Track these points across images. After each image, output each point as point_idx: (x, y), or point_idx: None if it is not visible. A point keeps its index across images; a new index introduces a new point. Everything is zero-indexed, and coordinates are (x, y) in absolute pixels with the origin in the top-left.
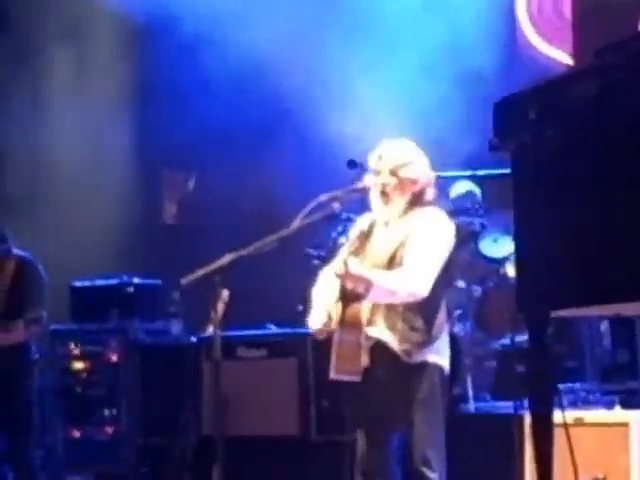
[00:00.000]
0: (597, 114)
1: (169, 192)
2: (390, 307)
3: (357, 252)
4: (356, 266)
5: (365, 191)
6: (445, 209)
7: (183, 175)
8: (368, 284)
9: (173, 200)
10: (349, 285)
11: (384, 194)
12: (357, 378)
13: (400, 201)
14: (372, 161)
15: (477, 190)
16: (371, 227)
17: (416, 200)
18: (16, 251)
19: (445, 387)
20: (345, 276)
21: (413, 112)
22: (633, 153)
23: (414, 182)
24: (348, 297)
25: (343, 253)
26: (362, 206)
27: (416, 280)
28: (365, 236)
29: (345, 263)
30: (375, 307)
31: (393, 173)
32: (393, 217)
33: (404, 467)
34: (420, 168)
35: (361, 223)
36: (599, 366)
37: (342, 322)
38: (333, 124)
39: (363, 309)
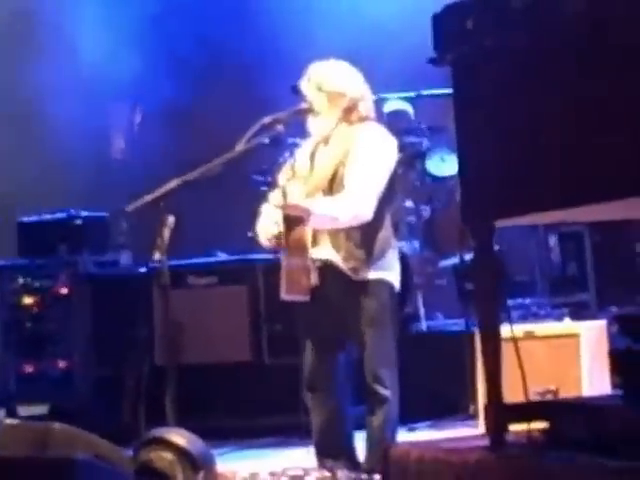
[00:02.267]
0: (533, 22)
1: (116, 126)
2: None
3: (292, 178)
4: (294, 197)
5: (305, 113)
6: (388, 127)
7: (130, 108)
8: (307, 213)
9: (120, 134)
10: (289, 213)
11: (313, 111)
12: (306, 298)
13: (330, 116)
14: (303, 85)
15: (409, 109)
16: (314, 149)
17: (348, 115)
18: None
19: (395, 304)
20: (284, 207)
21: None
22: (569, 60)
23: (342, 95)
24: (291, 221)
25: (280, 183)
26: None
27: (358, 204)
28: (309, 159)
29: (283, 193)
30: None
31: (319, 89)
32: (325, 132)
33: (358, 385)
34: (348, 82)
35: (304, 147)
36: (549, 280)
37: (287, 246)
38: (275, 49)
39: (307, 231)
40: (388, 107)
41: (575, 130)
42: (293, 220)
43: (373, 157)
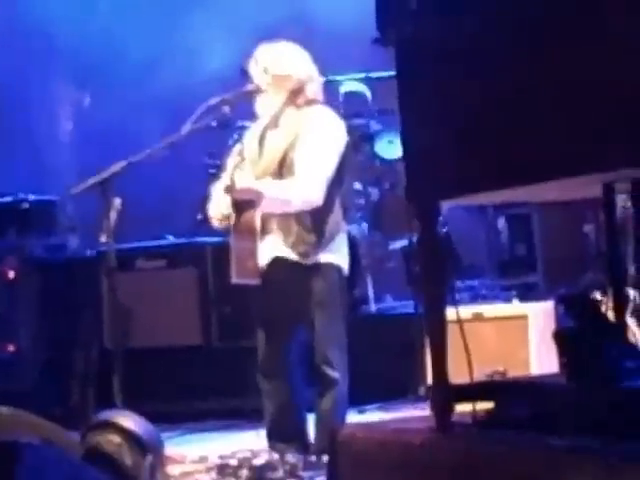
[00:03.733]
0: (475, 3)
1: (64, 109)
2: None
3: (241, 163)
4: (244, 180)
5: (252, 94)
6: (337, 110)
7: (78, 92)
8: (259, 196)
9: (68, 118)
10: (239, 197)
11: (260, 92)
12: (256, 281)
13: (276, 97)
14: (250, 67)
15: (367, 91)
16: (263, 132)
17: (295, 97)
18: None
19: (344, 287)
20: (233, 191)
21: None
22: (507, 42)
23: (288, 78)
24: (241, 205)
25: (228, 167)
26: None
27: (309, 188)
28: (258, 143)
29: (231, 178)
30: (269, 212)
31: (265, 71)
32: (273, 113)
33: (307, 367)
34: (295, 64)
35: (253, 130)
36: (497, 261)
37: (237, 229)
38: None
39: (256, 215)
40: (345, 88)
41: (511, 111)
42: (243, 204)
43: (323, 141)
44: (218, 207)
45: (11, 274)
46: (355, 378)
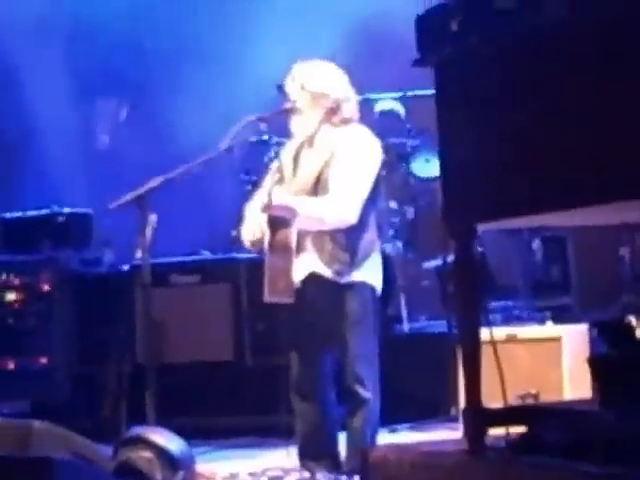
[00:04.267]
0: (516, 25)
1: (101, 121)
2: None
3: (281, 180)
4: (280, 196)
5: (289, 112)
6: (372, 129)
7: (116, 103)
8: (293, 214)
9: (106, 129)
10: (274, 214)
11: (297, 111)
12: (290, 300)
13: (313, 116)
14: (287, 84)
15: (401, 109)
16: (298, 151)
17: (331, 116)
18: None
19: (377, 306)
20: (270, 208)
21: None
22: (550, 64)
23: (325, 96)
24: (276, 223)
25: (266, 184)
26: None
27: (344, 206)
28: (293, 161)
29: (269, 195)
30: (304, 230)
31: (302, 88)
32: (309, 133)
33: (339, 387)
34: (332, 83)
35: (288, 148)
36: (531, 283)
37: (271, 247)
38: (264, 49)
39: (292, 232)
40: (380, 106)
41: (555, 135)
42: (278, 221)
43: (358, 160)
44: (251, 230)
45: (46, 287)
46: (387, 397)
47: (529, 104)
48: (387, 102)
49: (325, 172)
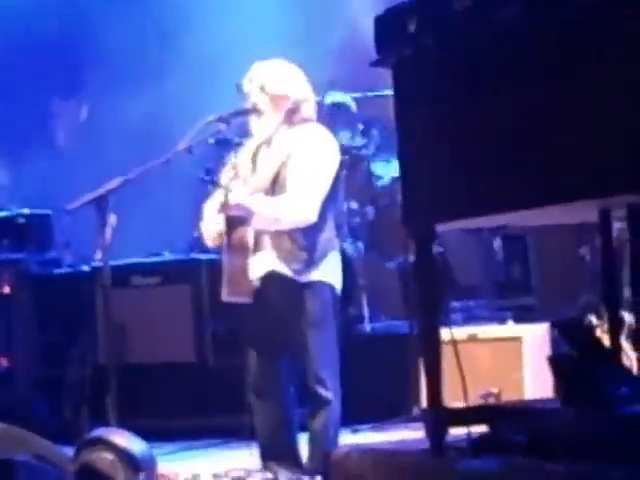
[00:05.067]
0: (471, 26)
1: (60, 121)
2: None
3: (235, 177)
4: (236, 196)
5: (249, 113)
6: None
7: (75, 103)
8: (250, 213)
9: (63, 129)
10: (231, 213)
11: (257, 112)
12: (248, 300)
13: (274, 117)
14: (245, 84)
15: (352, 104)
16: (257, 150)
17: (291, 116)
18: None
19: (337, 306)
20: (226, 208)
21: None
22: (504, 66)
23: (285, 98)
24: (234, 222)
25: (222, 181)
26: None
27: (302, 205)
28: (251, 161)
29: (225, 193)
30: (261, 229)
31: (262, 90)
32: (269, 133)
33: (300, 387)
34: (291, 84)
35: (247, 147)
36: (492, 282)
37: (229, 246)
38: (220, 45)
39: (249, 231)
40: (330, 98)
41: (509, 137)
42: (235, 220)
43: (316, 159)
44: (210, 225)
45: (6, 289)
46: (349, 398)
47: (485, 104)
48: (337, 94)
49: (283, 172)
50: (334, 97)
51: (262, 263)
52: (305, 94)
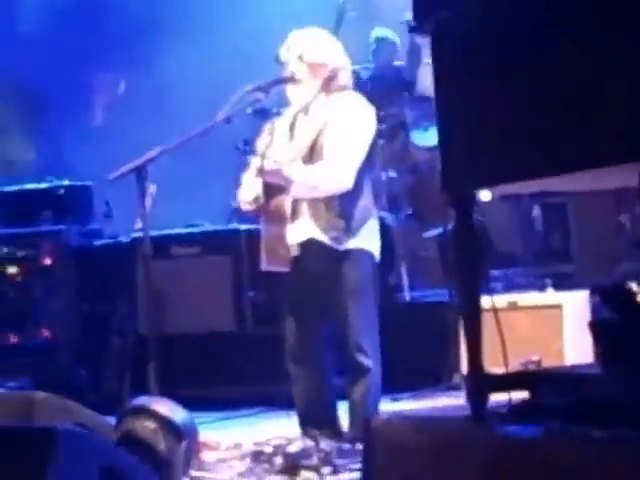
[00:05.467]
0: None
1: (99, 96)
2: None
3: (271, 144)
4: (273, 162)
5: (287, 82)
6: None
7: (112, 77)
8: (287, 181)
9: (102, 104)
10: (269, 180)
11: (295, 80)
12: (286, 268)
13: (311, 85)
14: (282, 54)
15: (396, 38)
16: (294, 119)
17: (328, 84)
18: None
19: (376, 274)
20: (263, 173)
21: None
22: (555, 27)
23: (323, 65)
24: (271, 189)
25: (258, 147)
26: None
27: (338, 173)
28: (289, 129)
29: (262, 159)
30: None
31: (300, 59)
32: (306, 101)
33: (340, 356)
34: (329, 52)
35: (285, 115)
36: (532, 250)
37: (266, 214)
38: (261, 17)
39: (287, 199)
40: (376, 32)
41: (548, 101)
42: (273, 188)
43: (352, 127)
44: (248, 191)
45: (47, 260)
46: (389, 366)
47: (523, 69)
48: (383, 29)
49: (320, 139)
50: (379, 32)
51: (300, 231)
52: (342, 62)
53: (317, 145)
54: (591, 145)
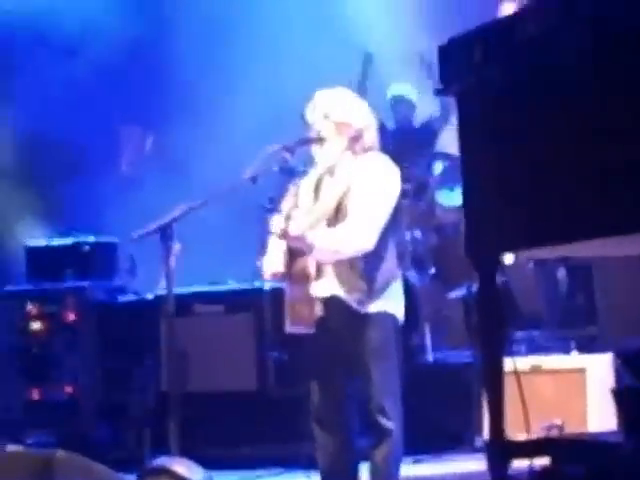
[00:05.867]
0: (538, 55)
1: (127, 149)
2: None
3: (295, 206)
4: (297, 227)
5: (313, 142)
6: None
7: (141, 131)
8: (310, 247)
9: (130, 155)
10: (292, 244)
11: (321, 140)
12: (311, 330)
13: (337, 144)
14: (308, 114)
15: (413, 94)
16: (320, 179)
17: (354, 144)
18: None
19: (399, 335)
20: (287, 238)
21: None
22: (573, 94)
23: (348, 125)
24: (295, 251)
25: (284, 209)
26: None
27: (360, 236)
28: (314, 189)
29: (286, 221)
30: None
31: (326, 117)
32: (332, 162)
33: (362, 417)
34: (354, 112)
35: (310, 176)
36: (556, 312)
37: (291, 276)
38: (292, 80)
39: (311, 261)
40: (392, 90)
41: (574, 166)
42: (297, 250)
43: (376, 189)
44: (272, 262)
45: (71, 316)
46: (411, 427)
47: (550, 135)
48: (399, 86)
49: (345, 201)
50: (395, 90)
51: (324, 288)
52: (367, 122)
53: (342, 206)
54: (616, 211)
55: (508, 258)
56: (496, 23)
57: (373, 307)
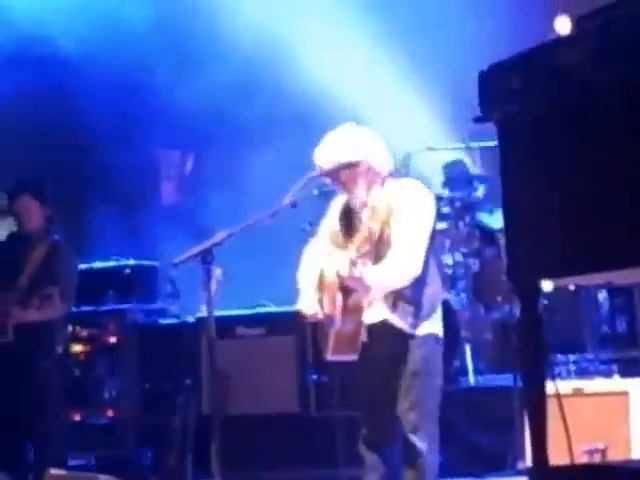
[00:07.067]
0: (578, 82)
1: (167, 172)
2: None
3: (335, 240)
4: (357, 271)
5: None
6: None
7: (180, 155)
8: (367, 289)
9: (171, 180)
10: (350, 285)
11: (343, 185)
12: (355, 357)
13: (360, 187)
14: (319, 159)
15: (466, 158)
16: (352, 213)
17: (374, 178)
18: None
19: (440, 353)
20: (344, 279)
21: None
22: (615, 119)
23: (357, 165)
24: (348, 288)
25: (322, 234)
26: None
27: (407, 266)
28: (349, 221)
29: (351, 265)
30: None
31: (340, 166)
32: (361, 200)
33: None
34: (358, 149)
35: (339, 206)
36: (598, 335)
37: (345, 310)
38: (329, 105)
39: (363, 297)
40: (448, 157)
41: (617, 192)
42: (350, 288)
43: (414, 215)
44: (310, 308)
45: (112, 339)
46: (453, 450)
47: (590, 161)
48: (448, 154)
49: (386, 231)
50: (447, 158)
51: (373, 317)
52: (366, 150)
53: (384, 235)
54: None
55: (547, 285)
56: (535, 50)
57: (420, 330)
